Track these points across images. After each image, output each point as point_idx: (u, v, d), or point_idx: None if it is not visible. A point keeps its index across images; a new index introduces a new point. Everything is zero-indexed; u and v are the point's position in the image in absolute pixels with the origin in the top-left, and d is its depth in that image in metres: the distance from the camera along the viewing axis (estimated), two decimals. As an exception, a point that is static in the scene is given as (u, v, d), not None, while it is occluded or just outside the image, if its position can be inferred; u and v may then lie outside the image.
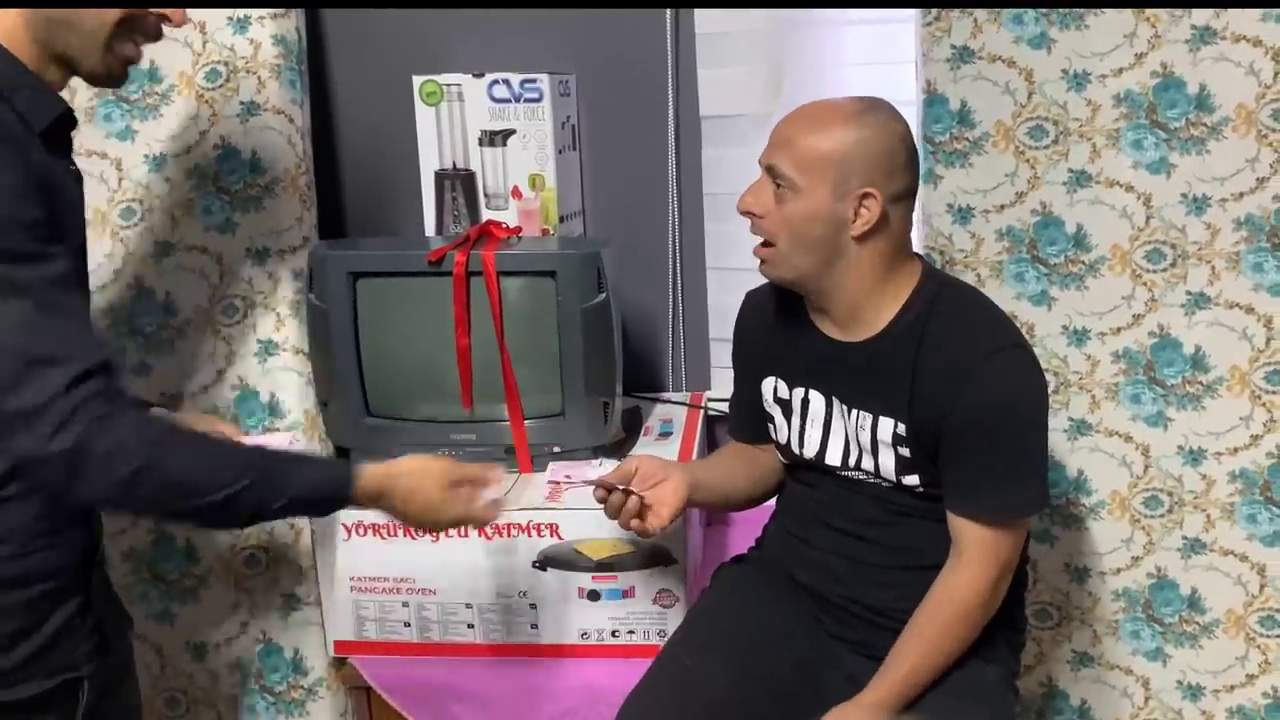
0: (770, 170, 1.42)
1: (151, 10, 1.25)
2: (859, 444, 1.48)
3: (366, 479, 1.31)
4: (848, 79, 2.04)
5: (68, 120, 1.25)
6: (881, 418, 1.44)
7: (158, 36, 1.28)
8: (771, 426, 1.59)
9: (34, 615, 1.24)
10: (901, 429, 1.43)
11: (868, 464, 1.48)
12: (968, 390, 1.37)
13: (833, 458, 1.51)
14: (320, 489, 1.29)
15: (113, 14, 1.21)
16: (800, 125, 1.41)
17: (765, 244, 1.45)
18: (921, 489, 1.45)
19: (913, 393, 1.41)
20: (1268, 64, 1.61)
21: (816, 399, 1.52)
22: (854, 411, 1.48)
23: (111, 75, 1.26)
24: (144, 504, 1.20)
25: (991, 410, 1.37)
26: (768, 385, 1.58)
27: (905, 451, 1.44)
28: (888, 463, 1.46)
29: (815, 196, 1.38)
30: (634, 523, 1.49)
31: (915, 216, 1.80)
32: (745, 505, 1.69)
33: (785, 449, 1.58)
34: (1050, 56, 1.69)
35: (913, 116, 1.81)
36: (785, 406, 1.56)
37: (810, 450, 1.53)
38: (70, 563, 1.28)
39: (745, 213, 1.44)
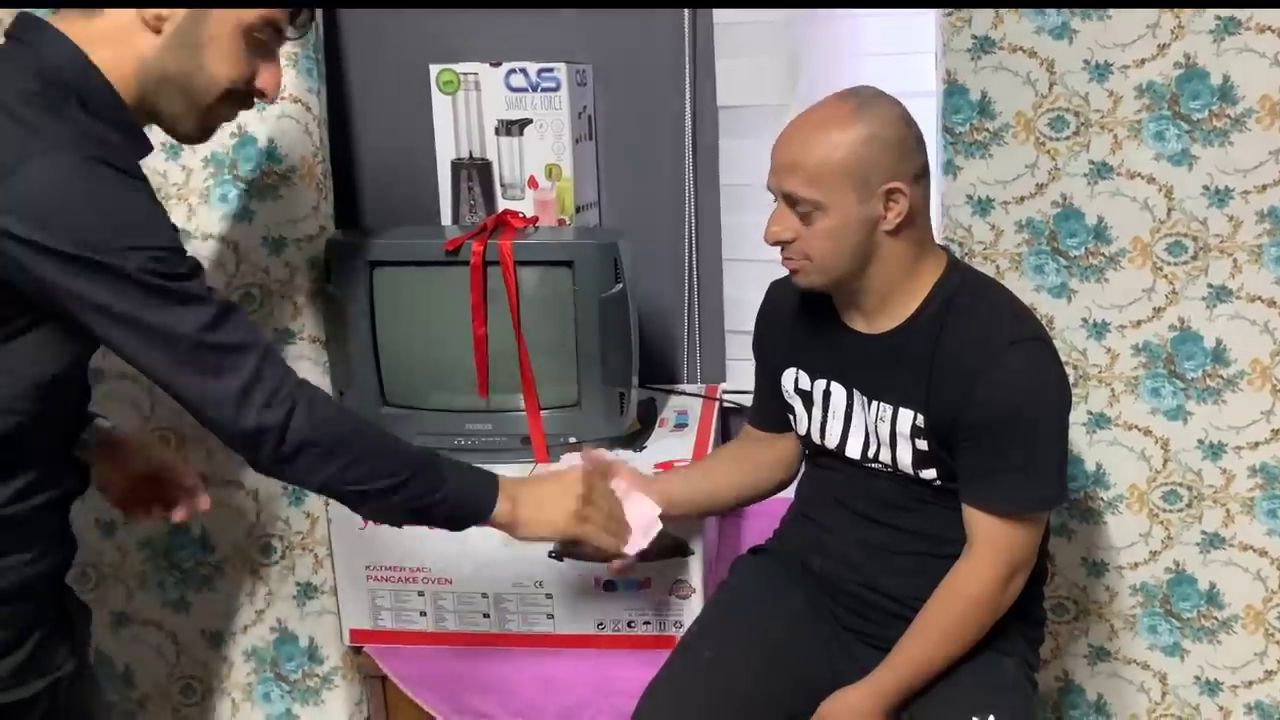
0: (788, 197, 1.39)
1: (255, 85, 1.27)
2: (878, 437, 1.48)
3: (504, 484, 1.41)
4: (866, 69, 2.03)
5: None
6: (901, 409, 1.44)
7: (249, 107, 1.30)
8: (792, 417, 1.59)
9: (21, 625, 1.22)
10: (920, 420, 1.42)
11: (885, 457, 1.47)
12: (983, 381, 1.37)
13: (853, 450, 1.51)
14: (467, 493, 1.37)
15: (223, 84, 1.23)
16: (803, 144, 1.38)
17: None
18: (939, 483, 1.45)
19: (930, 383, 1.41)
20: (1292, 55, 1.60)
21: (838, 391, 1.51)
22: (874, 403, 1.47)
23: (200, 136, 1.29)
24: (324, 477, 1.25)
25: (1007, 402, 1.37)
26: (788, 376, 1.58)
27: (923, 444, 1.43)
28: (905, 456, 1.45)
29: (843, 207, 1.36)
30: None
31: (934, 207, 1.80)
32: (735, 507, 1.71)
33: (806, 439, 1.58)
34: (1072, 47, 1.68)
35: (932, 107, 1.81)
36: (806, 398, 1.56)
37: (831, 442, 1.53)
38: (56, 570, 1.28)
39: (776, 243, 1.42)
